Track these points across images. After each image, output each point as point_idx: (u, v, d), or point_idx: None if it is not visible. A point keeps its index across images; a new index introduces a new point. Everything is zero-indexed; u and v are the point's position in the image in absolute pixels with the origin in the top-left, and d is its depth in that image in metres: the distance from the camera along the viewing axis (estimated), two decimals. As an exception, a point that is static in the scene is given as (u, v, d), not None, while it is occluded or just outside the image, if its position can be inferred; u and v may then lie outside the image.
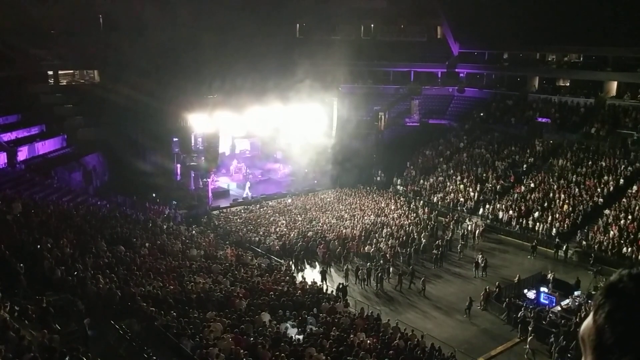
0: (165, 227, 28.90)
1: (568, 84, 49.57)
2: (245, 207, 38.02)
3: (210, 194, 38.65)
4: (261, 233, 31.54)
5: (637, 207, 31.51)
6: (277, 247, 29.50)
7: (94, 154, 38.49)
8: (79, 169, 36.28)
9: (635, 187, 33.82)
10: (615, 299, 1.17)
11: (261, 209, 37.25)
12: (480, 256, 28.45)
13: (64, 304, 15.06)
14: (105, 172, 39.48)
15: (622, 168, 35.78)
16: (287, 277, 24.44)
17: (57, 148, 37.46)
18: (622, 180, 34.74)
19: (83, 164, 36.97)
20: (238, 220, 34.70)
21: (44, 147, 35.98)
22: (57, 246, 19.08)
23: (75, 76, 49.06)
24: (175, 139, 39.40)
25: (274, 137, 43.70)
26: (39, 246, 18.53)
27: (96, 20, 48.57)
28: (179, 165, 39.72)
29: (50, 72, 44.76)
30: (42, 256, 17.51)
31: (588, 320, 1.24)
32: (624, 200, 32.84)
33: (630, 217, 30.87)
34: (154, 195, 36.30)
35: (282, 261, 27.74)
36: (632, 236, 29.26)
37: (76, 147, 38.40)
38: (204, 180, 39.20)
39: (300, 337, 16.78)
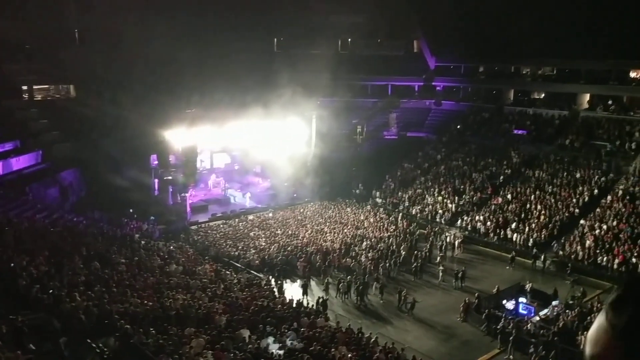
0: (143, 243, 28.57)
1: (543, 97, 50.54)
2: (225, 221, 37.82)
3: (188, 209, 38.38)
4: (240, 247, 31.35)
5: (611, 217, 32.07)
6: (256, 261, 29.33)
7: (70, 170, 37.96)
8: (55, 185, 35.75)
9: (609, 198, 34.45)
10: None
11: (240, 223, 37.07)
12: (459, 268, 28.62)
13: (39, 323, 14.76)
14: (82, 188, 38.96)
15: (596, 179, 36.44)
16: (267, 292, 24.30)
17: (33, 164, 36.84)
18: (596, 191, 35.38)
19: (59, 179, 36.43)
20: (217, 235, 34.48)
21: (19, 163, 35.37)
22: (33, 264, 18.73)
23: (51, 91, 48.46)
24: (153, 154, 39.11)
25: (253, 150, 43.64)
26: (12, 264, 18.17)
27: (72, 34, 48.15)
28: (156, 180, 39.42)
29: (25, 87, 44.15)
30: (16, 274, 17.17)
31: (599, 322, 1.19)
32: (598, 210, 33.41)
33: (605, 227, 31.39)
34: (131, 210, 35.89)
35: (262, 276, 27.58)
36: (607, 245, 29.74)
37: (52, 163, 37.83)
38: (182, 195, 38.91)
39: (281, 352, 16.66)
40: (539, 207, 35.20)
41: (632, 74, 45.91)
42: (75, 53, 45.68)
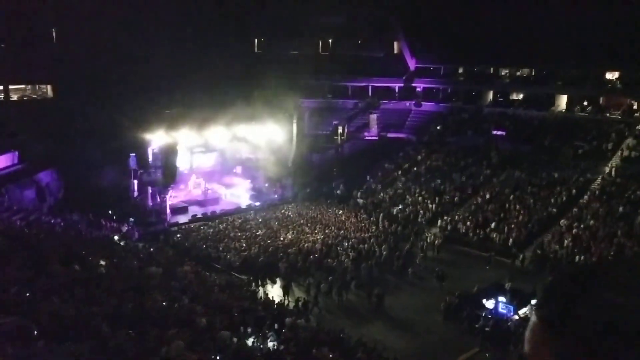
0: (122, 244, 28.27)
1: (521, 97, 51.18)
2: (205, 222, 37.58)
3: (168, 210, 38.06)
4: (221, 249, 31.18)
5: (588, 217, 32.55)
6: (237, 262, 29.19)
7: (48, 171, 37.40)
8: (32, 186, 35.20)
9: (586, 197, 34.98)
10: (555, 291, 1.15)
11: (221, 225, 36.87)
12: (440, 267, 28.78)
13: (14, 327, 14.49)
14: (60, 189, 38.40)
15: (573, 179, 36.96)
16: (248, 293, 24.19)
17: (9, 165, 36.24)
18: (574, 191, 35.88)
19: (36, 180, 35.87)
20: (197, 236, 34.24)
21: (-5, 164, 34.82)
22: (9, 267, 18.40)
23: (27, 91, 47.76)
24: (132, 155, 38.73)
25: (233, 151, 43.44)
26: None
27: (49, 34, 47.50)
28: (135, 182, 39.01)
29: (1, 87, 43.45)
30: (-8, 277, 16.85)
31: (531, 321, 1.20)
32: (575, 210, 33.90)
33: (582, 226, 31.84)
34: (110, 212, 35.48)
35: (242, 277, 27.45)
36: (584, 245, 30.15)
37: (29, 164, 37.24)
38: (162, 196, 38.58)
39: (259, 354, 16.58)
40: (517, 206, 35.56)
41: (608, 76, 46.72)
42: (52, 52, 45.11)
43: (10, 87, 44.73)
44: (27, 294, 16.68)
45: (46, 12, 45.88)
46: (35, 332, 14.46)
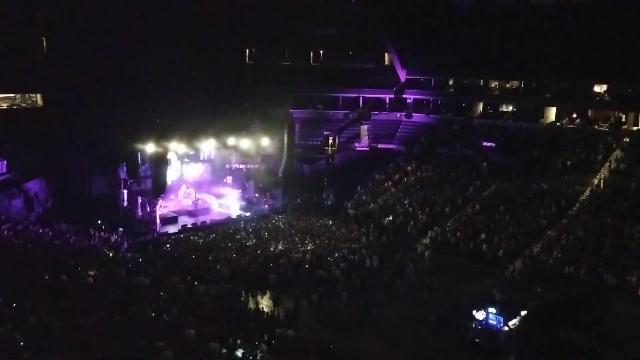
0: (111, 255, 28.06)
1: (510, 109, 51.65)
2: (195, 233, 37.40)
3: (158, 220, 37.86)
4: (210, 259, 31.01)
5: (577, 228, 32.74)
6: (227, 273, 29.03)
7: (36, 180, 37.13)
8: (20, 196, 34.91)
9: (575, 208, 35.21)
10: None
11: (211, 235, 36.69)
12: (430, 278, 28.78)
13: (2, 338, 14.31)
14: (48, 199, 38.11)
15: (562, 190, 37.21)
16: (238, 304, 24.04)
17: (-4, 174, 36.01)
18: (563, 202, 36.12)
19: (24, 190, 35.58)
20: (187, 246, 34.04)
21: (-17, 172, 34.55)
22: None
23: (17, 100, 47.53)
24: (122, 164, 38.56)
25: (223, 161, 43.37)
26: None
27: (39, 43, 47.37)
28: (125, 191, 38.82)
29: (-10, 96, 43.28)
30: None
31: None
32: (565, 221, 34.09)
33: (571, 237, 32.01)
34: (99, 222, 35.23)
35: (232, 287, 27.27)
36: (573, 256, 30.29)
37: (17, 173, 36.97)
38: (152, 206, 38.41)
39: None
40: (507, 217, 35.72)
41: (597, 89, 47.26)
42: (42, 62, 44.98)
43: (0, 95, 44.50)
44: (14, 305, 16.51)
45: (36, 21, 45.81)
46: (22, 343, 14.32)
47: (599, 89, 47.22)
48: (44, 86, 44.31)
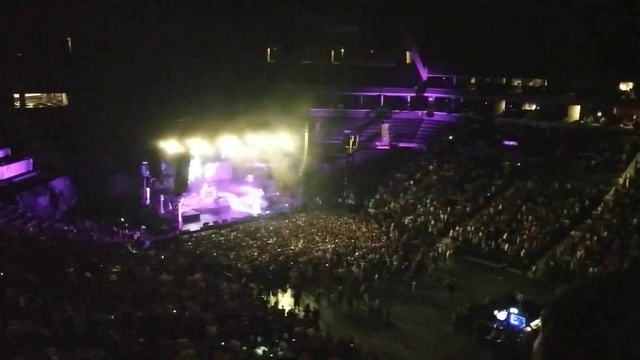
0: (133, 252, 28.41)
1: (533, 108, 50.94)
2: (216, 231, 37.67)
3: (179, 218, 38.21)
4: (232, 257, 31.22)
5: (602, 228, 32.23)
6: (248, 271, 29.20)
7: (61, 178, 37.76)
8: (45, 194, 35.53)
9: (599, 209, 34.65)
10: (558, 314, 1.20)
11: (232, 233, 36.94)
12: (451, 278, 28.61)
13: (27, 333, 14.59)
14: (73, 197, 38.72)
15: (586, 190, 36.64)
16: (258, 302, 24.17)
17: (23, 172, 36.66)
18: (586, 202, 35.56)
19: (50, 188, 36.22)
20: (208, 244, 34.32)
21: (9, 171, 35.18)
22: (21, 273, 18.56)
23: (42, 99, 48.34)
24: (144, 163, 39.00)
25: (244, 160, 43.58)
26: (1, 273, 18.00)
27: (65, 42, 48.12)
28: (148, 189, 39.25)
29: (17, 95, 44.02)
30: (4, 284, 17.00)
31: (539, 336, 1.25)
32: (589, 221, 33.58)
33: (595, 237, 31.52)
34: (122, 220, 35.69)
35: (253, 285, 27.43)
36: (597, 257, 29.84)
37: (43, 171, 37.64)
38: (174, 204, 38.78)
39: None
40: (530, 217, 35.30)
41: (622, 87, 46.43)
42: (68, 61, 45.66)
43: (26, 95, 45.30)
44: (39, 300, 16.81)
45: (62, 21, 46.52)
46: (47, 337, 14.57)
47: (624, 86, 46.37)
48: (68, 86, 45.01)
